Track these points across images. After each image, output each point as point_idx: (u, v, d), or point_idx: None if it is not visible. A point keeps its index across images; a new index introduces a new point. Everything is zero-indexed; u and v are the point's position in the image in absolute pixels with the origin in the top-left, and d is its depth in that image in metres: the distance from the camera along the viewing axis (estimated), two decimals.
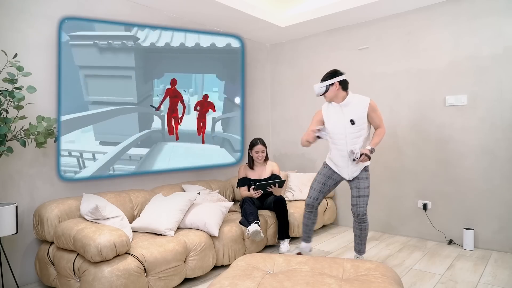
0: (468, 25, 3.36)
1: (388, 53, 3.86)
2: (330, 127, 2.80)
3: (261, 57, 4.82)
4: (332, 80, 2.70)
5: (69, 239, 2.30)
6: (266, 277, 1.72)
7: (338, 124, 2.76)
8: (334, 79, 2.70)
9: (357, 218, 2.76)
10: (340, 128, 2.75)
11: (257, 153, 3.56)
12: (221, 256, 2.85)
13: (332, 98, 2.75)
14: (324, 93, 2.74)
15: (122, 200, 2.91)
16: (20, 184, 2.63)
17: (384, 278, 1.68)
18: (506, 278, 2.66)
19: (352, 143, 2.72)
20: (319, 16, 3.87)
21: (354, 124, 2.70)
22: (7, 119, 2.28)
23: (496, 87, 3.24)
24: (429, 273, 2.77)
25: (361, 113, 2.69)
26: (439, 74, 3.54)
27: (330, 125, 2.80)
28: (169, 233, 2.66)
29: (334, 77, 2.71)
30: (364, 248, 2.85)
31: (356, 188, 2.77)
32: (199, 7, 3.52)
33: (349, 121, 2.71)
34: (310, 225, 3.01)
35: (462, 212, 3.45)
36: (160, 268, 2.36)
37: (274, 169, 3.66)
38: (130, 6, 3.32)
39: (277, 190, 3.44)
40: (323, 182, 2.90)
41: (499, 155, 3.24)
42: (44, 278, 2.51)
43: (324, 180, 2.90)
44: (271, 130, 4.96)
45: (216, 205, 2.95)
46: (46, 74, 2.78)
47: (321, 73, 4.40)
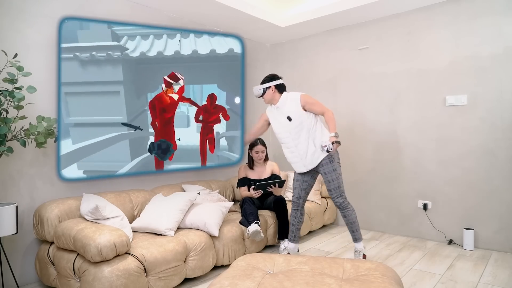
0: (468, 25, 3.36)
1: (388, 53, 3.86)
2: (275, 129, 3.02)
3: (261, 57, 4.82)
4: (268, 84, 2.94)
5: (69, 239, 2.30)
6: (266, 277, 1.72)
7: (280, 124, 2.95)
8: (271, 83, 2.94)
9: (338, 208, 2.92)
10: (282, 127, 2.94)
11: (257, 153, 3.56)
12: (221, 256, 2.85)
13: (270, 100, 2.98)
14: (262, 95, 2.97)
15: (122, 200, 2.91)
16: (20, 184, 2.63)
17: (384, 278, 1.68)
18: (506, 278, 2.66)
19: (297, 137, 2.88)
20: (319, 16, 3.87)
21: (291, 120, 2.87)
22: (7, 119, 2.28)
23: (496, 87, 3.24)
24: (429, 273, 2.77)
25: (295, 107, 2.87)
26: (439, 74, 3.54)
27: (274, 127, 3.01)
28: (169, 233, 2.66)
29: (271, 81, 2.95)
30: (357, 234, 2.93)
31: (326, 183, 2.91)
32: (199, 7, 3.52)
33: (286, 119, 2.89)
34: (297, 224, 3.14)
35: (462, 212, 3.45)
36: (160, 268, 2.36)
37: (274, 169, 3.66)
38: (130, 6, 3.32)
39: (277, 190, 3.44)
40: (299, 179, 3.05)
41: (499, 155, 3.24)
42: (44, 278, 2.51)
43: (300, 178, 3.05)
44: (271, 130, 4.96)
45: (216, 205, 2.95)
46: (46, 74, 2.78)
47: (321, 73, 4.40)
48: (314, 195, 4.00)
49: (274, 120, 3.00)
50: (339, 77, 4.25)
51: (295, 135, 2.88)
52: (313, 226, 3.83)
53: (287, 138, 2.93)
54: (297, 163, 2.95)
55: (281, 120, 2.93)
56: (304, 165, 2.92)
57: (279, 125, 2.96)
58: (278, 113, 2.96)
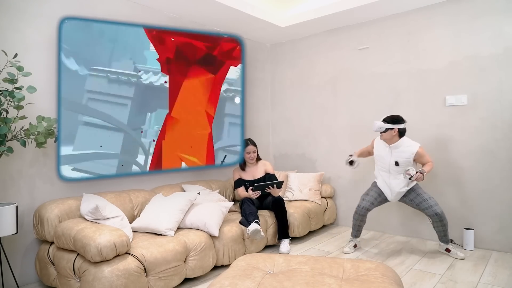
0: (468, 25, 3.36)
1: (388, 53, 3.86)
2: (377, 159, 3.20)
3: (261, 57, 4.82)
4: (393, 126, 3.00)
5: (69, 239, 2.30)
6: (266, 277, 1.72)
7: (385, 160, 3.14)
8: (395, 125, 3.00)
9: (437, 217, 3.01)
10: (385, 164, 3.14)
11: (249, 153, 3.59)
12: (221, 256, 2.85)
13: (387, 140, 3.07)
14: (382, 132, 3.05)
15: (122, 200, 2.91)
16: (20, 184, 2.63)
17: (384, 278, 1.68)
18: (506, 278, 2.66)
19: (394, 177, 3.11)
20: (319, 16, 3.87)
21: (398, 165, 3.05)
22: (7, 119, 2.28)
23: (496, 87, 3.24)
24: (429, 273, 2.77)
25: (407, 158, 3.02)
26: (439, 74, 3.54)
27: (378, 157, 3.19)
28: (169, 233, 2.66)
29: (397, 123, 3.00)
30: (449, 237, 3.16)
31: (417, 196, 3.09)
32: (199, 7, 3.52)
33: (394, 163, 3.06)
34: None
35: (462, 212, 3.45)
36: (160, 268, 2.36)
37: (267, 168, 3.68)
38: (130, 6, 3.32)
39: (275, 191, 3.45)
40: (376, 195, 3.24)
41: (499, 155, 3.24)
42: (44, 278, 2.51)
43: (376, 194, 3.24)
44: (271, 130, 4.96)
45: (216, 205, 2.95)
46: (46, 74, 2.78)
47: (321, 73, 4.40)
48: (314, 195, 4.00)
49: (379, 154, 3.17)
50: (339, 77, 4.25)
51: (394, 174, 3.11)
52: (313, 226, 3.83)
53: (385, 172, 3.16)
54: (384, 189, 3.19)
55: (387, 159, 3.11)
56: (390, 194, 3.17)
57: (382, 160, 3.16)
58: (387, 152, 3.11)
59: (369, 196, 3.23)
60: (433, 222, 3.07)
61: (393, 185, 3.12)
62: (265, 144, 4.86)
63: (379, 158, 3.18)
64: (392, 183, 3.12)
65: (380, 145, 3.17)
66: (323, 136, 4.41)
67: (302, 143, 4.62)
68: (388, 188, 3.16)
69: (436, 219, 3.03)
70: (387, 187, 3.17)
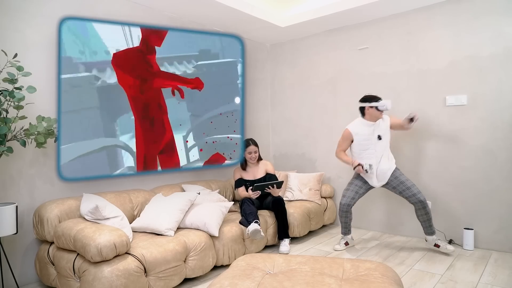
0: (468, 25, 3.36)
1: (388, 53, 3.86)
2: (359, 143, 3.24)
3: (261, 57, 4.82)
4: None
5: (69, 239, 2.30)
6: (266, 277, 1.72)
7: (370, 140, 3.22)
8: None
9: (421, 204, 3.10)
10: (370, 143, 3.22)
11: (250, 153, 3.59)
12: (221, 256, 2.85)
13: (380, 116, 3.20)
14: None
15: (122, 200, 2.91)
16: (20, 184, 2.63)
17: (384, 278, 1.68)
18: (506, 278, 2.66)
19: (380, 156, 3.24)
20: (319, 16, 3.87)
21: (380, 139, 3.20)
22: (7, 119, 2.28)
23: (496, 87, 3.24)
24: (429, 273, 2.77)
25: (386, 128, 3.22)
26: (439, 74, 3.54)
27: (361, 141, 3.24)
28: (169, 233, 2.66)
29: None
30: (434, 228, 3.22)
31: (400, 184, 3.16)
32: (199, 7, 3.52)
33: (376, 137, 3.20)
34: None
35: (462, 212, 3.45)
36: (160, 268, 2.36)
37: (268, 168, 3.68)
38: (130, 6, 3.32)
39: (275, 191, 3.45)
40: (356, 188, 3.29)
41: (499, 155, 3.24)
42: (44, 278, 2.52)
43: (357, 187, 3.30)
44: (271, 130, 4.96)
45: (216, 205, 2.95)
46: (46, 74, 2.78)
47: (321, 73, 4.40)
48: (314, 195, 4.00)
49: (363, 137, 3.25)
50: (339, 77, 4.25)
51: (379, 151, 3.23)
52: (313, 226, 3.83)
53: (369, 153, 3.25)
54: (368, 176, 3.27)
55: (371, 137, 3.24)
56: (376, 179, 3.25)
57: (366, 141, 3.25)
58: (371, 131, 3.22)
59: (349, 191, 3.28)
60: (417, 210, 3.14)
61: (381, 164, 3.18)
62: (265, 144, 4.86)
63: (362, 141, 3.20)
64: (380, 163, 3.18)
65: (359, 128, 3.22)
66: (323, 136, 4.41)
67: (302, 143, 4.62)
68: (375, 174, 3.20)
69: (419, 206, 3.10)
70: (373, 174, 3.20)
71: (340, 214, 3.31)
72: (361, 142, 3.21)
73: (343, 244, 3.37)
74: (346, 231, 3.38)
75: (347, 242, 3.39)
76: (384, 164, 3.18)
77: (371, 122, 3.19)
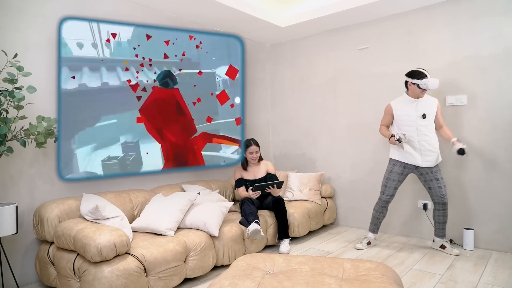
0: (468, 25, 3.36)
1: (388, 53, 3.86)
2: (401, 120, 3.15)
3: (261, 57, 4.82)
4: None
5: (69, 239, 2.30)
6: (266, 277, 1.72)
7: (411, 117, 3.11)
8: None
9: (443, 206, 3.11)
10: (411, 121, 3.10)
11: (251, 153, 3.59)
12: (221, 256, 2.85)
13: (422, 94, 3.08)
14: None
15: (122, 200, 2.91)
16: (20, 184, 2.63)
17: (384, 278, 1.68)
18: (506, 278, 2.66)
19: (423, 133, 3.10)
20: (319, 16, 3.87)
21: (425, 118, 3.06)
22: (7, 119, 2.28)
23: (496, 87, 3.24)
24: (429, 273, 2.77)
25: (432, 108, 3.09)
26: (439, 74, 3.54)
27: (402, 117, 3.15)
28: (169, 233, 2.66)
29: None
30: (445, 231, 3.25)
31: (434, 180, 3.09)
32: (199, 7, 3.52)
33: (421, 116, 3.06)
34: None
35: (462, 212, 3.45)
36: (160, 268, 2.36)
37: (269, 168, 3.68)
38: (130, 6, 3.32)
39: (275, 191, 3.45)
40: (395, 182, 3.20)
41: (499, 155, 3.24)
42: (44, 278, 2.52)
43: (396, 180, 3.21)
44: (271, 130, 4.96)
45: (216, 205, 2.95)
46: (46, 74, 2.78)
47: (321, 73, 4.40)
48: (314, 195, 4.00)
49: (404, 113, 3.15)
50: (339, 77, 4.25)
51: (421, 130, 3.10)
52: (313, 226, 3.83)
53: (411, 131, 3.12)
54: (410, 157, 3.13)
55: (413, 114, 3.12)
56: (420, 157, 3.11)
57: (408, 118, 3.14)
58: (412, 108, 3.11)
59: (388, 188, 3.20)
60: (436, 210, 3.14)
61: (426, 141, 3.02)
62: (265, 144, 4.86)
63: (402, 116, 3.10)
64: (423, 140, 3.03)
65: (401, 105, 3.12)
66: (323, 136, 4.42)
67: (302, 143, 4.62)
68: (418, 151, 3.05)
69: (441, 207, 3.11)
70: (415, 151, 3.05)
71: (376, 209, 3.26)
72: (401, 117, 3.11)
73: (366, 244, 3.36)
74: (375, 229, 3.34)
75: (369, 242, 3.38)
76: (431, 140, 3.02)
77: (413, 99, 3.08)
